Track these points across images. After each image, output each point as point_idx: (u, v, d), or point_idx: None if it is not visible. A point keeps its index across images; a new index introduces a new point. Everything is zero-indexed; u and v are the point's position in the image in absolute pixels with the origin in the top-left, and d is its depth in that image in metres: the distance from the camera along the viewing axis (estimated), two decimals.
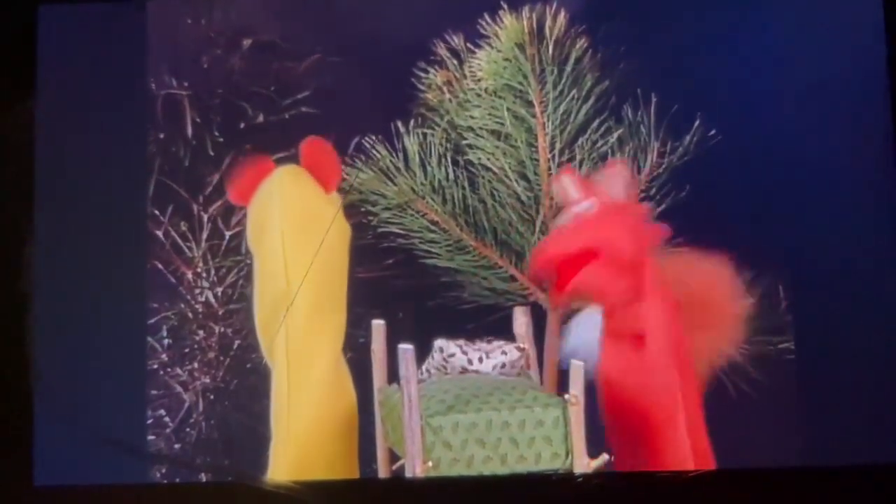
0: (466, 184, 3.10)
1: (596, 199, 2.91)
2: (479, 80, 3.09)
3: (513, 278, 3.08)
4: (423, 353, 2.80)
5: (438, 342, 2.83)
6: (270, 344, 2.92)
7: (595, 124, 3.06)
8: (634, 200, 2.97)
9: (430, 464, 2.58)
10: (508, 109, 3.08)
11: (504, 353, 2.82)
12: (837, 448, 2.87)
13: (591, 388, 2.75)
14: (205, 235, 3.07)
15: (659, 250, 2.91)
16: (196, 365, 3.05)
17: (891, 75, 2.99)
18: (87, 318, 3.00)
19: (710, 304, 2.94)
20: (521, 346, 2.86)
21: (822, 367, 2.91)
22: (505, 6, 3.06)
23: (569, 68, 3.06)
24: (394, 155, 3.08)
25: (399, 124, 3.08)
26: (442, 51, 3.08)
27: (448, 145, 3.10)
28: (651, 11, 3.05)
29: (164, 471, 3.02)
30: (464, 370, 2.79)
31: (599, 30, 3.05)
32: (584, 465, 2.64)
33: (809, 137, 2.99)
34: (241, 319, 3.06)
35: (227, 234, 3.07)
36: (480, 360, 2.80)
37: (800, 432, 2.91)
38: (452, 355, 2.81)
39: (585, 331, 2.92)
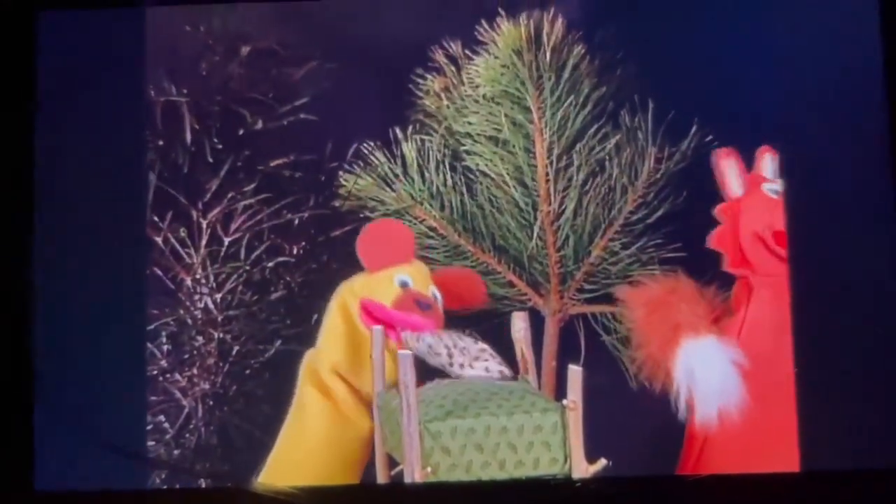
0: (464, 189, 3.10)
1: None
2: (476, 87, 3.10)
3: (511, 283, 3.08)
4: (421, 358, 2.80)
5: (428, 339, 2.83)
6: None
7: (592, 130, 3.06)
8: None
9: (428, 469, 2.58)
10: (506, 115, 3.09)
11: (487, 370, 2.81)
12: (838, 453, 2.88)
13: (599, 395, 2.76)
14: (204, 241, 3.07)
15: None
16: (195, 371, 3.05)
17: (888, 80, 3.00)
18: (87, 323, 3.01)
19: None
20: (505, 371, 2.84)
21: (822, 371, 2.91)
22: (502, 13, 3.07)
23: (566, 74, 3.06)
24: (392, 161, 3.08)
25: (397, 130, 3.08)
26: (440, 57, 3.09)
27: (446, 151, 3.10)
28: (648, 17, 3.05)
29: (163, 476, 3.02)
30: (442, 368, 2.79)
31: (596, 36, 3.05)
32: (582, 470, 2.63)
33: (807, 143, 2.99)
34: (240, 326, 3.06)
35: (227, 240, 3.07)
36: (462, 366, 2.80)
37: (799, 437, 2.91)
38: (438, 354, 2.81)
39: (712, 364, 2.91)
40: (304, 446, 2.96)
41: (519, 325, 2.91)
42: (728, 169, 2.98)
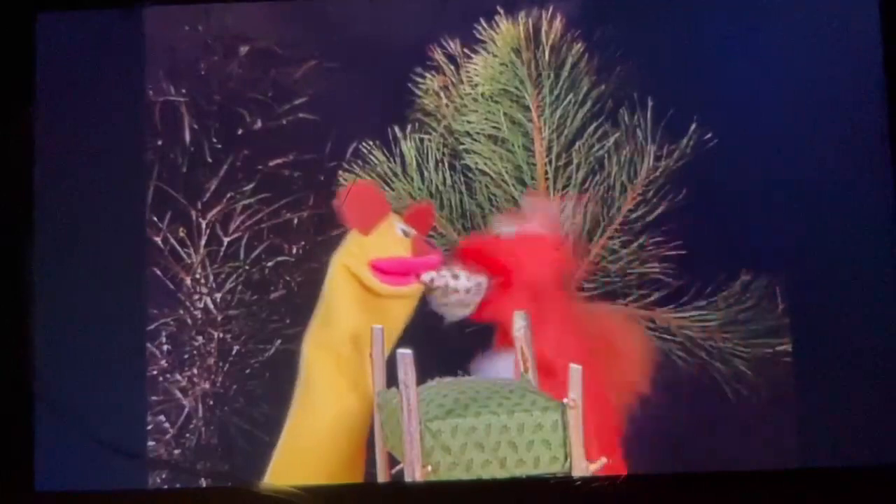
0: (463, 188, 3.10)
1: (516, 226, 2.95)
2: (475, 85, 3.10)
3: None
4: (421, 357, 2.79)
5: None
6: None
7: (591, 128, 3.06)
8: (555, 232, 2.97)
9: (429, 468, 2.58)
10: (505, 114, 3.09)
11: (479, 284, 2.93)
12: (836, 450, 2.88)
13: None
14: (203, 241, 3.08)
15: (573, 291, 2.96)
16: (195, 371, 3.06)
17: (887, 78, 3.00)
18: (87, 324, 3.01)
19: (615, 352, 2.97)
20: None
21: (820, 369, 2.92)
22: (501, 11, 3.08)
23: (565, 73, 3.07)
24: (391, 160, 3.08)
25: (396, 129, 3.09)
26: (439, 56, 3.09)
27: (445, 150, 3.11)
28: (647, 15, 3.06)
29: (163, 476, 3.03)
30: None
31: (595, 34, 3.06)
32: (582, 468, 2.63)
33: (806, 140, 2.99)
34: (239, 325, 3.07)
35: (226, 240, 3.08)
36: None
37: (798, 434, 2.91)
38: (458, 278, 2.90)
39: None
40: (316, 426, 2.94)
41: (519, 324, 2.91)
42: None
